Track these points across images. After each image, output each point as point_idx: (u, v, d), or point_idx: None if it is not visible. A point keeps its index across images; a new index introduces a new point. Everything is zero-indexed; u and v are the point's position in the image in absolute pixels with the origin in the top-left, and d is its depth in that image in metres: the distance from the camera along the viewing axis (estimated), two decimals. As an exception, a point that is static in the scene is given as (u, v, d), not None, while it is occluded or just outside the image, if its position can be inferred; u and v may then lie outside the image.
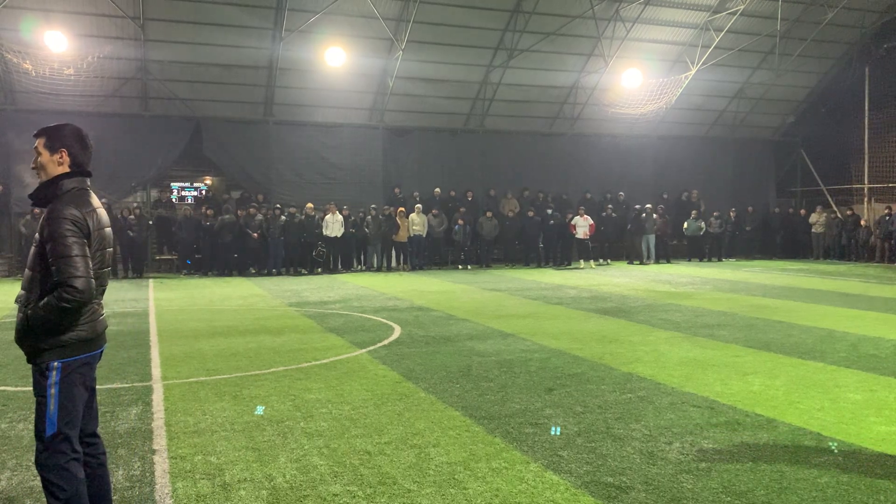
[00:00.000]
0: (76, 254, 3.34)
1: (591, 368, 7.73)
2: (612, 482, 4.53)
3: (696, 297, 14.25)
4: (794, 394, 6.62)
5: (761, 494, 4.32)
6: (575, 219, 22.51)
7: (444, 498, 4.31)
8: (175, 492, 4.42)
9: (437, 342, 9.37)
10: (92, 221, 3.48)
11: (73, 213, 3.40)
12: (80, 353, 3.51)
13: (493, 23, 22.14)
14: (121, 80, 20.65)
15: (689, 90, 24.37)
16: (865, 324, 10.64)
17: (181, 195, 22.77)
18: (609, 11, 22.35)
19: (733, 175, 27.57)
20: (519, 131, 25.23)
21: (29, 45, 18.68)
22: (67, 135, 3.57)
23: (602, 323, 10.98)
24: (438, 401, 6.46)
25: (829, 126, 27.03)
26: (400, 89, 22.69)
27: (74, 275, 3.32)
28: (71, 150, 3.55)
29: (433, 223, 21.85)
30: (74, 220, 3.39)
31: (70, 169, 3.55)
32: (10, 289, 16.61)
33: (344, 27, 20.79)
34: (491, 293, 15.26)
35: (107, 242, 3.62)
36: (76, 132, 3.60)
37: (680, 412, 6.04)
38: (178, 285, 17.55)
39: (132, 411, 6.19)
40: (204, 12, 19.85)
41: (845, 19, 24.49)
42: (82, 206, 3.47)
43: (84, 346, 3.52)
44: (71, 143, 3.56)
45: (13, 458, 5.02)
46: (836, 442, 5.25)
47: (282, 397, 6.60)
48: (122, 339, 9.71)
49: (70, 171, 3.55)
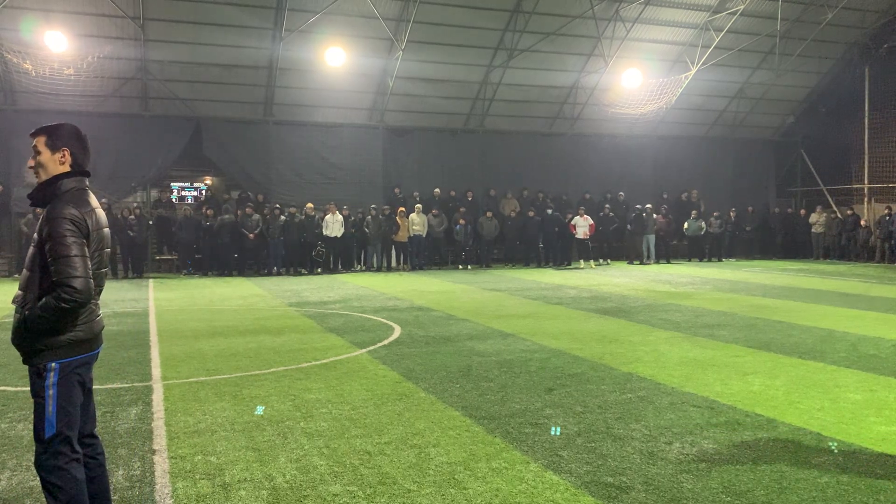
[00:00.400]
0: (75, 254, 3.33)
1: (591, 368, 7.73)
2: (612, 482, 4.52)
3: (696, 297, 14.25)
4: (794, 394, 6.62)
5: (761, 494, 4.32)
6: (575, 219, 22.51)
7: (444, 498, 4.31)
8: (175, 492, 4.42)
9: (437, 342, 9.37)
10: (91, 221, 3.47)
11: (73, 212, 3.39)
12: (78, 353, 3.50)
13: (493, 23, 22.14)
14: (121, 80, 20.65)
15: (689, 90, 24.37)
16: (865, 324, 10.64)
17: (181, 195, 22.77)
18: (609, 11, 22.35)
19: (733, 175, 27.57)
20: (519, 131, 25.23)
21: (29, 45, 18.68)
22: (68, 134, 3.56)
23: (602, 323, 10.98)
24: (438, 401, 6.45)
25: (829, 126, 27.03)
26: (400, 89, 22.70)
27: (73, 275, 3.31)
28: (72, 150, 3.55)
29: (433, 223, 21.85)
30: (74, 219, 3.38)
31: (70, 168, 3.54)
32: (10, 289, 16.61)
33: (344, 27, 20.79)
34: (491, 293, 15.26)
35: (105, 243, 3.61)
36: (76, 131, 3.59)
37: (680, 412, 6.04)
38: (178, 285, 17.55)
39: (132, 411, 6.19)
40: (204, 12, 19.85)
41: (845, 19, 24.48)
42: (81, 205, 3.46)
43: (82, 346, 3.51)
44: (72, 142, 3.55)
45: (13, 458, 5.02)
46: (836, 442, 5.25)
47: (282, 397, 6.60)
48: (122, 339, 9.71)
49: (70, 170, 3.54)
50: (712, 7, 23.23)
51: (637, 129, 26.16)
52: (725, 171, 27.57)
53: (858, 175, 26.55)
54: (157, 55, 20.38)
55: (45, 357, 3.41)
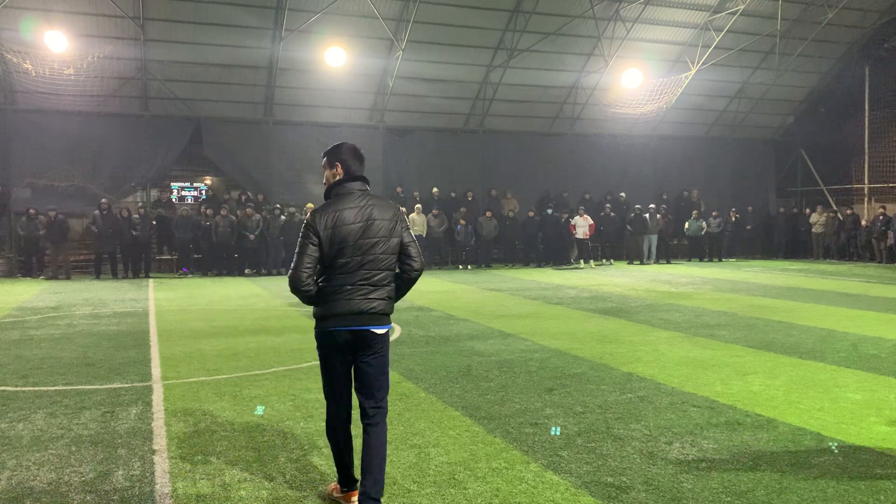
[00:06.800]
0: (296, 251, 4.18)
1: (591, 368, 7.73)
2: (612, 482, 4.52)
3: (696, 297, 14.25)
4: (794, 394, 6.62)
5: (761, 494, 4.32)
6: (575, 219, 22.51)
7: (444, 498, 4.31)
8: (175, 492, 4.42)
9: (437, 342, 9.37)
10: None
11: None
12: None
13: (493, 23, 22.14)
14: (121, 80, 20.65)
15: (689, 90, 24.38)
16: (865, 324, 10.64)
17: (181, 195, 22.78)
18: (609, 11, 22.36)
19: (733, 175, 27.58)
20: (519, 131, 25.24)
21: (29, 45, 18.68)
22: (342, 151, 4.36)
23: (602, 323, 10.98)
24: (438, 401, 6.45)
25: (829, 126, 27.03)
26: (400, 89, 22.70)
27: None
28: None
29: (433, 223, 21.85)
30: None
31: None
32: (10, 289, 16.62)
33: (344, 27, 20.79)
34: (491, 293, 15.26)
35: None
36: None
37: (680, 412, 6.04)
38: (178, 285, 17.55)
39: (132, 411, 6.19)
40: (204, 12, 19.85)
41: (845, 19, 24.49)
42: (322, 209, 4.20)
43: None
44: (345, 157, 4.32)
45: (13, 458, 5.02)
46: (836, 442, 5.25)
47: (282, 397, 6.60)
48: (122, 339, 9.71)
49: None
50: (712, 7, 23.23)
51: (637, 129, 26.15)
52: (725, 171, 27.57)
53: (858, 175, 26.55)
54: (157, 55, 20.39)
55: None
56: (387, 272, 4.12)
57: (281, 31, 20.22)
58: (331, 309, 4.03)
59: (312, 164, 22.61)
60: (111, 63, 20.00)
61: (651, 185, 26.05)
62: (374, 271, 4.06)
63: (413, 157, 23.92)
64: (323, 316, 4.07)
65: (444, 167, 24.00)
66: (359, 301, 4.03)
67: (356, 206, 4.08)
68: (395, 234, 4.14)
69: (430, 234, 21.78)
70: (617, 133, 26.06)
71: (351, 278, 4.03)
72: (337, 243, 4.00)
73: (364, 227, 4.04)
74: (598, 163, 25.59)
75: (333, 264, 4.04)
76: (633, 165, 26.01)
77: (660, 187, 26.11)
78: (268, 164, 22.28)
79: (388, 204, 4.25)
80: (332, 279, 4.05)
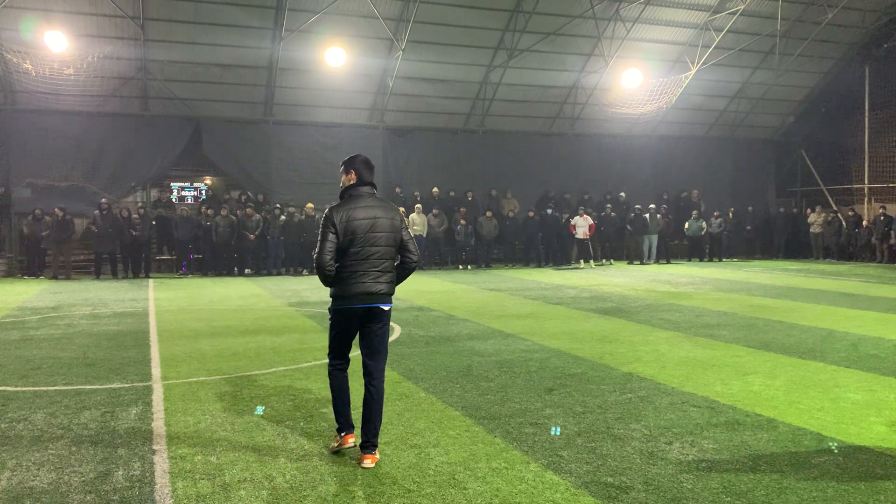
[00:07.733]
0: (319, 238, 5.12)
1: (591, 368, 7.73)
2: (612, 482, 4.52)
3: (696, 297, 14.25)
4: (794, 394, 6.62)
5: (761, 494, 4.32)
6: (575, 219, 22.51)
7: (444, 498, 4.31)
8: (175, 492, 4.42)
9: (437, 342, 9.37)
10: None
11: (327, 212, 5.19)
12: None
13: (493, 23, 22.14)
14: (121, 80, 20.65)
15: (689, 90, 24.38)
16: (865, 324, 10.64)
17: (181, 195, 22.78)
18: (609, 11, 22.35)
19: (733, 175, 27.58)
20: (519, 131, 25.23)
21: (29, 45, 18.68)
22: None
23: (602, 323, 10.98)
24: (438, 401, 6.45)
25: (829, 126, 27.03)
26: (400, 89, 22.70)
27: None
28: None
29: (433, 223, 21.84)
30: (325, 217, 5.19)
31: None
32: (10, 288, 16.62)
33: (344, 27, 20.79)
34: (491, 293, 15.26)
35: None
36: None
37: (680, 412, 6.04)
38: (178, 285, 17.55)
39: (132, 411, 6.19)
40: (204, 12, 19.84)
41: (845, 19, 24.48)
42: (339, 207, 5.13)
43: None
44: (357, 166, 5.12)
45: (13, 458, 5.02)
46: (836, 442, 5.25)
47: (282, 397, 6.60)
48: (122, 339, 9.71)
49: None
50: (712, 7, 23.23)
51: (637, 129, 26.15)
52: (725, 171, 27.56)
53: (858, 175, 26.54)
54: (156, 55, 20.38)
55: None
56: (389, 261, 5.06)
57: (281, 31, 20.21)
58: (348, 290, 4.96)
59: (313, 164, 22.64)
60: (111, 63, 20.00)
61: (651, 185, 26.03)
62: (380, 260, 5.00)
63: (413, 157, 23.92)
64: (341, 295, 4.99)
65: (443, 167, 23.99)
66: (370, 283, 4.97)
67: (365, 206, 5.01)
68: (396, 230, 5.07)
69: (430, 234, 21.78)
70: (617, 133, 26.05)
71: (362, 265, 4.96)
72: (349, 234, 4.92)
73: (371, 224, 4.96)
74: (598, 163, 25.58)
75: (347, 252, 4.94)
76: (633, 165, 26.00)
77: (660, 187, 26.09)
78: (268, 164, 22.28)
79: (391, 206, 5.19)
80: (346, 265, 4.95)
